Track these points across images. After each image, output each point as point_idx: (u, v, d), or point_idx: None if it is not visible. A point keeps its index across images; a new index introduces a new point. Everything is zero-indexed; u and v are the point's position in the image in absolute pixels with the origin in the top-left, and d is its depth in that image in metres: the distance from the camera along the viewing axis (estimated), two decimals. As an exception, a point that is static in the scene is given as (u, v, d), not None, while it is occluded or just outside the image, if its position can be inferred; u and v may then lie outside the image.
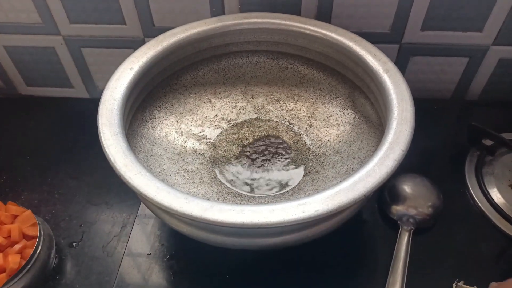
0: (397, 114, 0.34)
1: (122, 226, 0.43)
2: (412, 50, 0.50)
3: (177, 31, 0.41)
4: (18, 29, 0.51)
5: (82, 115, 0.55)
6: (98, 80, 0.56)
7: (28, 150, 0.51)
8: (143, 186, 0.29)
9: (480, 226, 0.41)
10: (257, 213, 0.28)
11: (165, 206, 0.28)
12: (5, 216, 0.39)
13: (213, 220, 0.27)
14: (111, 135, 0.32)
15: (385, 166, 0.30)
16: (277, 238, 0.32)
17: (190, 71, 0.45)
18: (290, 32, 0.43)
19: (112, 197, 0.46)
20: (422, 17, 0.46)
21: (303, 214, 0.28)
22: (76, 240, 0.42)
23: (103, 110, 0.34)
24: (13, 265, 0.36)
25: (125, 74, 0.37)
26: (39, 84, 0.57)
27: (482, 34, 0.47)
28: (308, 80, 0.46)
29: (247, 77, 0.47)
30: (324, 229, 0.33)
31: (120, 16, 0.48)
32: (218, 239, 0.32)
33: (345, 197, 0.29)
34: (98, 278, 0.39)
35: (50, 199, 0.46)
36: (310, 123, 0.45)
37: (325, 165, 0.41)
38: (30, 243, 0.38)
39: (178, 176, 0.39)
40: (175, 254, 0.40)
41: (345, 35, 0.40)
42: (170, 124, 0.44)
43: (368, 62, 0.38)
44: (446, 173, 0.46)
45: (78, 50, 0.52)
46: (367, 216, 0.43)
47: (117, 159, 0.31)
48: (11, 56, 0.54)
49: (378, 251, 0.40)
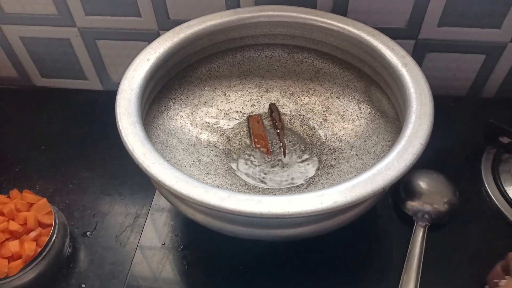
0: (415, 108, 0.33)
1: (135, 217, 0.43)
2: (428, 46, 0.49)
3: (193, 23, 0.41)
4: (34, 20, 0.51)
5: (95, 107, 0.56)
6: (112, 72, 0.56)
7: (42, 140, 0.51)
8: (161, 175, 0.29)
9: (496, 224, 0.41)
10: (275, 203, 0.28)
11: (183, 194, 0.28)
12: (21, 204, 0.39)
13: (231, 209, 0.27)
14: (129, 124, 0.32)
15: (404, 160, 0.30)
16: (292, 229, 0.32)
17: (205, 64, 0.45)
18: (306, 26, 0.43)
19: (126, 189, 0.46)
20: (440, 13, 0.46)
21: (321, 205, 0.28)
22: (89, 229, 0.42)
23: (121, 99, 0.34)
24: (29, 252, 0.36)
25: (142, 65, 0.37)
26: (53, 75, 0.58)
27: (500, 31, 0.47)
28: (324, 74, 0.46)
29: (262, 70, 0.47)
30: (340, 222, 0.32)
31: (136, 9, 0.48)
32: (234, 229, 0.32)
33: (364, 190, 0.29)
34: (111, 268, 0.39)
35: (64, 189, 0.46)
36: (325, 117, 0.45)
37: (340, 159, 0.41)
38: (45, 231, 0.38)
39: (193, 168, 0.39)
40: (189, 245, 0.40)
41: (363, 29, 0.40)
42: (185, 116, 0.44)
43: (386, 56, 0.38)
44: (462, 170, 0.45)
45: (93, 42, 0.53)
46: (381, 212, 0.43)
47: (135, 148, 0.31)
48: (26, 48, 0.54)
49: (392, 247, 0.40)
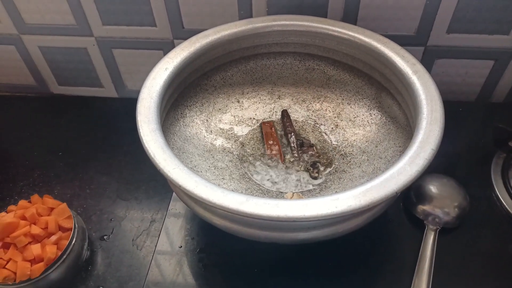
0: (426, 114, 0.34)
1: (151, 221, 0.44)
2: (437, 53, 0.50)
3: (208, 33, 0.43)
4: (52, 30, 0.53)
5: (111, 114, 0.57)
6: (127, 80, 0.58)
7: (60, 147, 0.53)
8: (182, 180, 0.30)
9: (506, 228, 0.41)
10: (291, 207, 0.29)
11: (203, 198, 0.29)
12: (42, 209, 0.40)
13: (249, 213, 0.28)
14: (149, 131, 0.33)
15: (416, 165, 0.31)
16: (307, 232, 0.33)
17: (219, 72, 0.47)
18: (318, 34, 0.44)
19: (141, 193, 0.47)
20: (449, 19, 0.47)
21: (336, 209, 0.29)
22: (107, 233, 0.44)
23: (142, 107, 0.35)
24: (51, 255, 0.37)
25: (161, 74, 0.39)
26: (70, 83, 0.59)
27: (508, 37, 0.47)
28: (335, 81, 0.47)
29: (274, 78, 0.48)
30: (354, 226, 0.33)
31: (151, 19, 0.50)
32: (251, 232, 0.33)
33: (377, 194, 0.29)
34: (128, 271, 0.40)
35: (81, 194, 0.47)
36: (336, 123, 0.46)
37: (352, 164, 0.42)
38: (65, 234, 0.39)
39: (209, 173, 0.40)
40: (205, 248, 0.41)
41: (373, 37, 0.41)
42: (200, 122, 0.45)
43: (396, 64, 0.39)
44: (472, 175, 0.46)
45: (109, 51, 0.54)
46: (392, 216, 0.43)
47: (157, 154, 0.32)
48: (45, 57, 0.56)
49: (403, 251, 0.41)
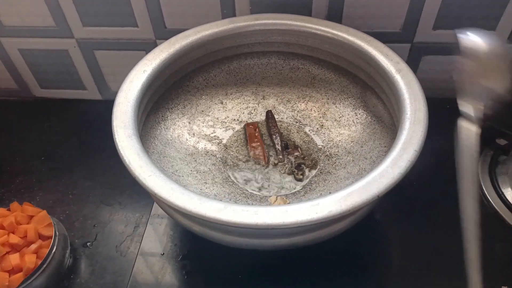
0: (410, 114, 0.34)
1: (135, 226, 0.44)
2: (423, 49, 0.49)
3: (189, 33, 0.42)
4: (32, 32, 0.52)
5: (95, 116, 0.56)
6: (111, 81, 0.57)
7: (43, 151, 0.52)
8: (157, 187, 0.29)
9: (494, 227, 0.41)
10: (270, 214, 0.28)
11: (179, 207, 0.28)
12: (22, 217, 0.39)
13: (227, 221, 0.28)
14: (125, 137, 0.33)
15: (398, 167, 0.30)
16: (289, 238, 0.32)
17: (201, 73, 0.46)
18: (301, 33, 0.43)
19: (125, 198, 0.46)
20: (434, 16, 0.46)
21: (316, 215, 0.28)
22: (90, 240, 0.43)
23: (118, 112, 0.34)
24: (30, 264, 0.37)
25: (139, 76, 0.38)
26: (52, 86, 0.58)
27: (495, 33, 0.47)
28: (319, 80, 0.46)
29: (258, 78, 0.47)
30: (337, 230, 0.33)
31: (133, 19, 0.49)
32: (231, 239, 0.32)
33: (359, 198, 0.29)
34: (112, 278, 0.40)
35: (64, 200, 0.47)
36: (322, 124, 0.45)
37: (337, 166, 0.41)
38: (45, 243, 0.39)
39: (191, 177, 0.39)
40: (188, 254, 0.41)
41: (356, 35, 0.40)
42: (182, 125, 0.44)
43: (380, 62, 0.38)
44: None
45: (91, 53, 0.53)
46: (380, 217, 0.43)
47: (132, 161, 0.31)
48: (25, 59, 0.55)
49: (391, 252, 0.40)
